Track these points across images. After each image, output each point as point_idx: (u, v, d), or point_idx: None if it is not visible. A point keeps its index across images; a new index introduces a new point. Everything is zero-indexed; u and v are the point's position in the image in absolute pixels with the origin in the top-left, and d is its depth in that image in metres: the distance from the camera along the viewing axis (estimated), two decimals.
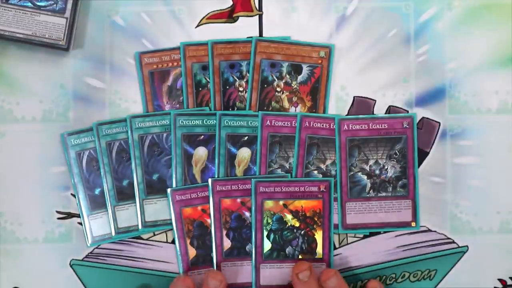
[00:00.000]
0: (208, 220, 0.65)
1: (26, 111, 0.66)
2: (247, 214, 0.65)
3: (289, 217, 0.65)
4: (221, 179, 0.65)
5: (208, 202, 0.64)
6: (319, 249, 0.65)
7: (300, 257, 0.64)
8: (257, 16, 0.66)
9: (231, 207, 0.64)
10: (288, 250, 0.65)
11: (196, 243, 0.65)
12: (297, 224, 0.65)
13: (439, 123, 0.66)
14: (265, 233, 0.64)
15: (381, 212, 0.65)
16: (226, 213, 0.64)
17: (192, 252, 0.65)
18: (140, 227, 0.65)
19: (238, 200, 0.64)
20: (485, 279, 0.66)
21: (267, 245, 0.64)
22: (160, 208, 0.65)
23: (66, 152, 0.65)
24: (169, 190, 0.64)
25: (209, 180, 0.64)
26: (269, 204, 0.64)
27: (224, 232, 0.64)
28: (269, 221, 0.64)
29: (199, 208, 0.65)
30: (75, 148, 0.65)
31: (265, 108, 0.66)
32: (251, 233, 0.64)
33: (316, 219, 0.65)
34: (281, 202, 0.64)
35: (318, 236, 0.65)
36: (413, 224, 0.65)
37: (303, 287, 0.61)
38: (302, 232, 0.65)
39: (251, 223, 0.64)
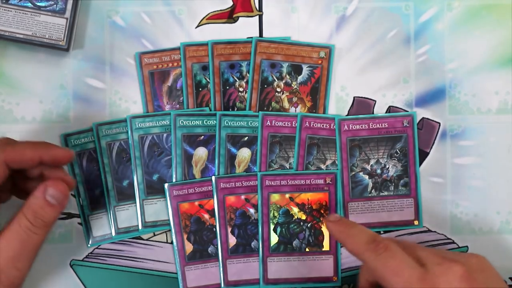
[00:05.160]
0: (205, 215, 0.65)
1: (26, 111, 0.65)
2: (252, 210, 0.65)
3: (295, 210, 0.65)
4: (225, 176, 0.65)
5: (205, 198, 0.65)
6: (326, 242, 0.65)
7: (307, 250, 0.65)
8: (257, 16, 0.66)
9: (235, 204, 0.64)
10: (295, 243, 0.65)
11: (193, 238, 0.65)
12: (304, 217, 0.65)
13: (439, 123, 0.66)
14: (272, 226, 0.65)
15: (383, 212, 0.65)
16: (231, 210, 0.64)
17: (189, 247, 0.65)
18: (140, 227, 0.65)
19: (242, 197, 0.64)
20: None
21: (274, 239, 0.65)
22: (160, 208, 0.65)
23: None
24: (166, 185, 0.64)
25: (213, 178, 0.64)
26: (275, 197, 0.64)
27: (229, 229, 0.64)
28: (276, 214, 0.65)
29: (196, 203, 0.65)
30: (75, 148, 0.65)
31: (265, 108, 0.66)
32: (258, 227, 0.64)
33: (322, 212, 0.65)
34: (287, 195, 0.65)
35: (325, 228, 0.65)
36: (416, 222, 0.65)
37: (338, 224, 0.57)
38: (309, 225, 0.65)
39: (256, 219, 0.65)
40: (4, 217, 0.57)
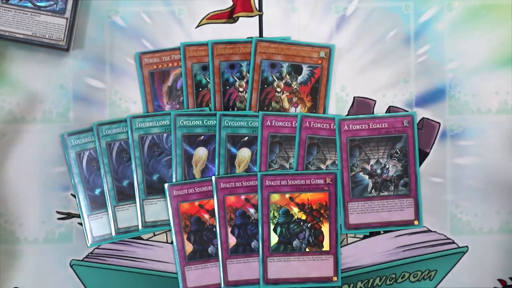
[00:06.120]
0: (205, 215, 0.65)
1: (26, 111, 0.66)
2: (252, 210, 0.65)
3: (295, 210, 0.65)
4: (225, 176, 0.65)
5: (205, 198, 0.65)
6: (326, 242, 0.65)
7: (307, 250, 0.64)
8: (257, 17, 0.66)
9: (235, 204, 0.64)
10: (295, 243, 0.65)
11: (193, 238, 0.65)
12: (304, 217, 0.65)
13: (439, 123, 0.66)
14: (272, 226, 0.65)
15: (383, 212, 0.65)
16: (231, 210, 0.64)
17: (189, 247, 0.65)
18: (140, 227, 0.65)
19: (242, 197, 0.64)
20: (485, 279, 0.66)
21: (274, 239, 0.65)
22: (160, 209, 0.65)
23: (66, 152, 0.65)
24: (166, 185, 0.64)
25: (213, 178, 0.64)
26: (275, 197, 0.64)
27: (229, 229, 0.64)
28: (276, 214, 0.65)
29: (196, 203, 0.65)
30: (75, 148, 0.65)
31: (265, 108, 0.66)
32: (258, 227, 0.64)
33: (322, 212, 0.65)
34: (287, 195, 0.65)
35: (325, 228, 0.65)
36: (416, 222, 0.65)
37: None
38: (309, 225, 0.65)
39: (256, 219, 0.65)
40: None
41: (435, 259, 0.66)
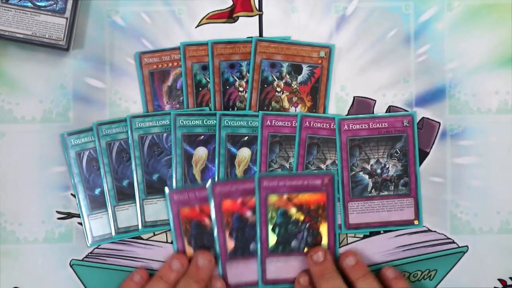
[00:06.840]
0: (206, 220, 0.65)
1: (26, 111, 0.66)
2: (249, 213, 0.64)
3: (293, 210, 0.65)
4: (220, 181, 0.64)
5: (206, 202, 0.64)
6: (324, 242, 0.65)
7: (305, 250, 0.64)
8: (257, 16, 0.66)
9: (232, 207, 0.64)
10: (294, 243, 0.65)
11: (194, 243, 0.65)
12: (302, 218, 0.65)
13: (439, 123, 0.66)
14: (270, 227, 0.64)
15: (383, 211, 0.65)
16: (228, 214, 0.64)
17: (189, 251, 0.65)
18: (140, 227, 0.65)
19: (239, 200, 0.64)
20: (485, 279, 0.66)
21: (272, 239, 0.64)
22: (160, 208, 0.65)
23: (66, 152, 0.65)
24: (167, 190, 0.64)
25: (209, 182, 0.64)
26: (273, 198, 0.64)
27: (227, 233, 0.64)
28: (274, 215, 0.64)
29: (197, 208, 0.65)
30: (75, 148, 0.65)
31: (265, 108, 0.66)
32: (256, 227, 0.64)
33: (320, 212, 0.65)
34: (285, 196, 0.64)
35: (323, 229, 0.65)
36: (416, 222, 0.65)
37: (318, 268, 0.62)
38: (307, 225, 0.65)
39: (253, 222, 0.64)
40: None
41: (435, 259, 0.66)
